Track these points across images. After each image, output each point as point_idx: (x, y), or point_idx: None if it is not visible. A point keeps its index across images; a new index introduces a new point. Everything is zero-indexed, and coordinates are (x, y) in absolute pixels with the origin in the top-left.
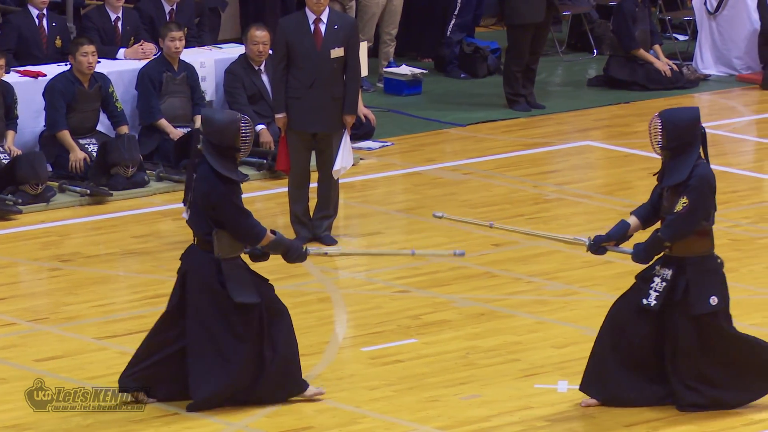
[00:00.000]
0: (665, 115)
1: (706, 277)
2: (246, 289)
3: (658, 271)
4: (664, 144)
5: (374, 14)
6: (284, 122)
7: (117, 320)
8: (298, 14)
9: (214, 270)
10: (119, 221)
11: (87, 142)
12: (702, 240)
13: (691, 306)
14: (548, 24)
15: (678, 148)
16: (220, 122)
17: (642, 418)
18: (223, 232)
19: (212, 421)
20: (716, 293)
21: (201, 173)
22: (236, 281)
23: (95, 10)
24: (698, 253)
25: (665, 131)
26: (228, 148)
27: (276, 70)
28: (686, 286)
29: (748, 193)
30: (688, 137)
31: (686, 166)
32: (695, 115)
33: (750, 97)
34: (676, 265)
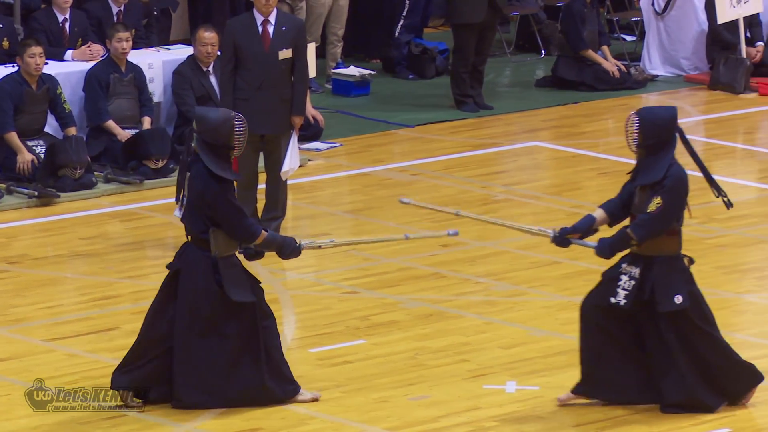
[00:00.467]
0: (642, 113)
1: (673, 276)
2: (242, 287)
3: (624, 269)
4: (640, 142)
5: (321, 14)
6: None
7: (65, 322)
8: (246, 15)
9: (211, 269)
10: (67, 223)
11: (35, 143)
12: (671, 240)
13: (657, 304)
14: (494, 25)
15: (654, 146)
16: (215, 120)
17: (591, 419)
18: (219, 231)
19: (161, 423)
20: (681, 292)
21: (195, 172)
22: (233, 280)
23: (43, 11)
24: (666, 252)
25: (642, 129)
26: (222, 147)
27: (224, 72)
28: (653, 284)
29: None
30: (664, 136)
31: (662, 165)
32: (672, 114)
33: (698, 97)
34: (643, 263)
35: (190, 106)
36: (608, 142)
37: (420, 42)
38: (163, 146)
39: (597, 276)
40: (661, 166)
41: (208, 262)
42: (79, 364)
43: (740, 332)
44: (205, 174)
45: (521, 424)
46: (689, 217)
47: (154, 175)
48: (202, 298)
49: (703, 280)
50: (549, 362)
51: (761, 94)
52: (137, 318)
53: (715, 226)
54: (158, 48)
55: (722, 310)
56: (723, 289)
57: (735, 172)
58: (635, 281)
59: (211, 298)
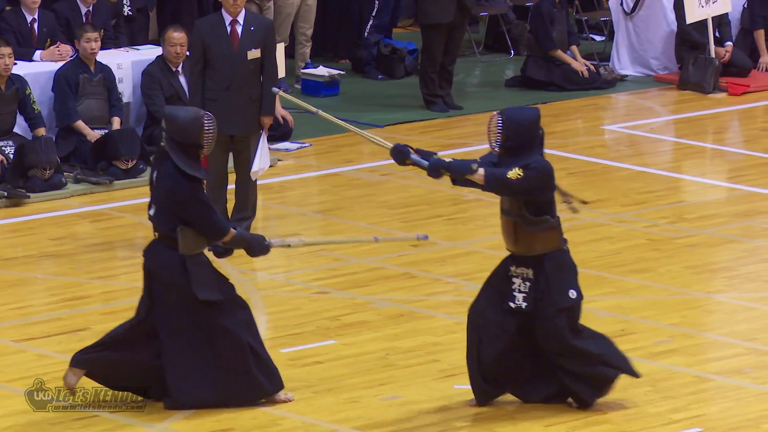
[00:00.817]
0: (507, 113)
1: (564, 271)
2: (210, 285)
3: (514, 272)
4: (502, 142)
5: (289, 14)
6: None
7: (35, 323)
8: (215, 16)
9: (180, 267)
10: (36, 223)
11: (4, 144)
12: (553, 235)
13: (554, 301)
14: (463, 25)
15: (515, 147)
16: (184, 119)
17: (562, 419)
18: (187, 229)
19: (132, 423)
20: (574, 287)
21: (164, 170)
22: (200, 278)
23: (11, 11)
24: (552, 248)
25: (505, 129)
26: (191, 146)
27: (192, 72)
28: (547, 281)
29: (666, 193)
30: (527, 137)
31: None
32: (536, 116)
33: (667, 97)
34: (533, 263)
35: (159, 106)
36: (577, 142)
37: (389, 42)
38: (132, 147)
39: None
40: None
41: (177, 259)
42: (49, 364)
43: (711, 332)
44: (174, 173)
45: (492, 424)
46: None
47: (124, 176)
48: (173, 296)
49: (673, 279)
50: None
51: (730, 93)
52: (108, 318)
53: (685, 226)
54: (127, 48)
55: (692, 310)
56: (693, 288)
57: (704, 171)
58: (530, 282)
59: (182, 295)
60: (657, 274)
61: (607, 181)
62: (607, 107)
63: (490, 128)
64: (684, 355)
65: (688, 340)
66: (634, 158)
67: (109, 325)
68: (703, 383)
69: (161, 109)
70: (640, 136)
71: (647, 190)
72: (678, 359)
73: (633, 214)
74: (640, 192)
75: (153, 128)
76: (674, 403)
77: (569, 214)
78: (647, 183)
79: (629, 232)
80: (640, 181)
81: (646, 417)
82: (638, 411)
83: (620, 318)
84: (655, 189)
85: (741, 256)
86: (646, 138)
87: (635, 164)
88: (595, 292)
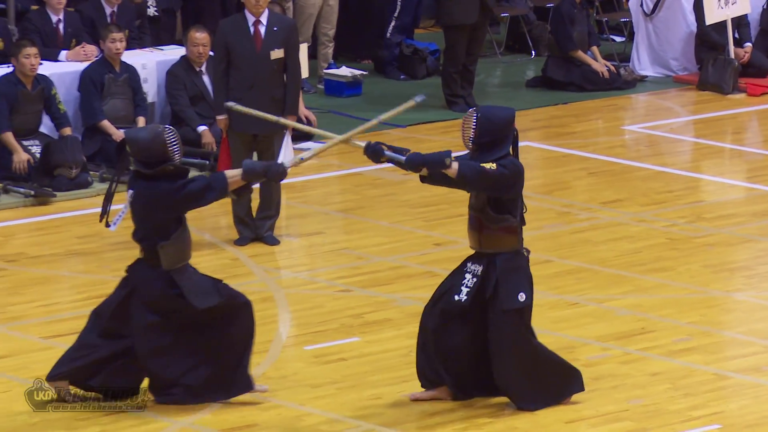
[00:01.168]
0: (482, 111)
1: (515, 274)
2: (205, 293)
3: (469, 267)
4: (475, 138)
5: (311, 15)
6: (225, 123)
7: (61, 320)
8: (238, 16)
9: (167, 284)
10: (63, 222)
11: (30, 143)
12: (510, 236)
13: (501, 301)
14: (485, 25)
15: (488, 144)
16: (145, 140)
17: (582, 415)
18: (168, 245)
19: (157, 419)
20: (524, 290)
21: (138, 191)
22: (193, 288)
23: (36, 12)
24: (507, 249)
25: (479, 126)
26: (159, 163)
27: (216, 72)
28: (496, 281)
29: (685, 192)
30: (499, 135)
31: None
32: (511, 115)
33: (686, 97)
34: (486, 261)
35: (183, 105)
36: (597, 142)
37: (411, 43)
38: None
39: (588, 274)
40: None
41: (163, 278)
42: None
43: (729, 330)
44: (149, 191)
45: (514, 419)
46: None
47: None
48: (155, 315)
49: (692, 278)
50: None
51: (749, 94)
52: None
53: (704, 225)
54: (152, 48)
55: (711, 309)
56: (712, 287)
57: (723, 171)
58: (477, 279)
59: (167, 310)
60: (676, 273)
61: (626, 181)
62: (627, 107)
63: (464, 124)
64: (703, 353)
65: (706, 338)
66: (654, 158)
67: None
68: (722, 381)
69: (186, 109)
70: (659, 136)
71: (666, 190)
72: (697, 357)
73: (652, 213)
74: (660, 192)
75: (178, 127)
76: (693, 401)
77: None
78: (666, 183)
79: (648, 232)
80: (660, 181)
81: (666, 414)
82: (658, 408)
83: (639, 316)
84: (675, 189)
85: (759, 255)
86: (665, 138)
87: (655, 164)
88: (615, 291)
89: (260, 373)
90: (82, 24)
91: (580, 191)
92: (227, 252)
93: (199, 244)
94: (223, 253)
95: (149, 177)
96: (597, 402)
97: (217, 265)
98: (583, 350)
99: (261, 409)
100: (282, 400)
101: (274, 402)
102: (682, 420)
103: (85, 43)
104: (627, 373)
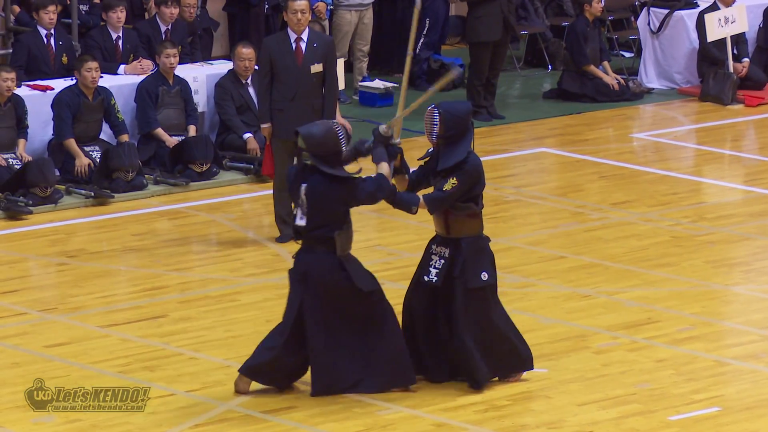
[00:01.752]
0: (443, 107)
1: (479, 255)
2: (367, 278)
3: (434, 250)
4: (440, 133)
5: (347, 33)
6: (269, 131)
7: (118, 310)
8: (281, 34)
9: (338, 268)
10: (120, 221)
11: (91, 149)
12: (474, 221)
13: (467, 280)
14: (506, 42)
15: (453, 137)
16: (318, 135)
17: (593, 398)
18: (343, 233)
19: (205, 401)
20: (487, 270)
21: (314, 183)
22: (359, 273)
23: (98, 30)
24: (471, 233)
25: (442, 121)
26: (333, 154)
27: (261, 85)
28: (463, 262)
29: (688, 195)
30: (461, 128)
31: (460, 152)
32: (469, 109)
33: (689, 108)
34: (452, 244)
35: (230, 115)
36: (608, 149)
37: (438, 58)
38: (206, 152)
39: (599, 269)
40: (460, 153)
41: (335, 262)
42: (131, 347)
43: (728, 321)
44: (327, 182)
45: (530, 402)
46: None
47: (199, 178)
48: (329, 293)
49: (694, 273)
50: (555, 347)
51: (747, 105)
52: (183, 306)
53: (705, 225)
54: (202, 63)
55: (712, 301)
56: (712, 281)
57: (723, 175)
58: (444, 260)
59: (339, 291)
60: (680, 268)
61: (634, 184)
62: (635, 117)
63: (428, 121)
64: (704, 342)
65: (708, 327)
66: (659, 163)
67: (185, 312)
68: (722, 367)
69: (233, 118)
70: (664, 143)
71: (671, 192)
72: (699, 345)
73: (658, 213)
74: (665, 194)
75: (225, 135)
76: (695, 385)
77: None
78: (671, 186)
79: (655, 230)
80: (665, 184)
81: (671, 397)
82: (663, 391)
83: (646, 308)
84: (679, 191)
85: (756, 252)
86: (670, 145)
87: (660, 169)
88: (624, 284)
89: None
90: (139, 41)
91: (592, 193)
92: (269, 248)
93: (244, 240)
94: (266, 249)
95: (326, 171)
96: (607, 386)
97: (261, 260)
98: (594, 338)
99: (298, 392)
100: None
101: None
102: (685, 403)
103: (141, 57)
104: (634, 359)
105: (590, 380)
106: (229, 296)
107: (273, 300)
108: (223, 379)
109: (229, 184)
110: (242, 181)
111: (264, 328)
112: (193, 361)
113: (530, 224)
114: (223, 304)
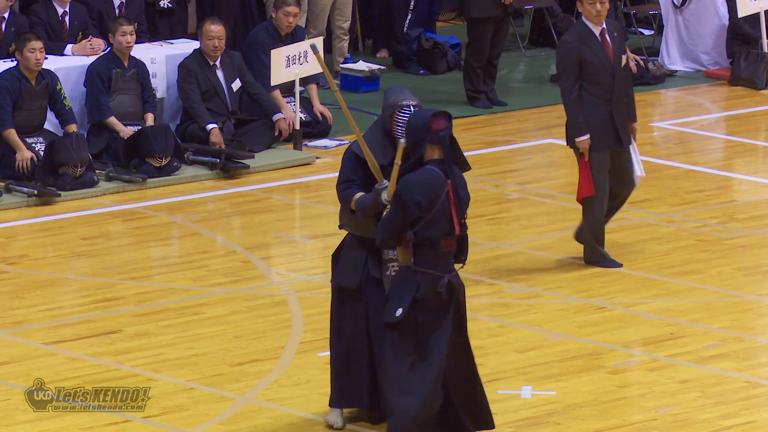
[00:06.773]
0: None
1: (402, 288)
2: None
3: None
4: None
5: (325, 7)
6: (587, 144)
7: (65, 324)
8: (579, 27)
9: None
10: (67, 222)
11: (34, 140)
12: (402, 250)
13: (385, 313)
14: (508, 18)
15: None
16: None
17: (608, 425)
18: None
19: (164, 429)
20: (403, 305)
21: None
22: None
23: (41, 4)
24: (401, 263)
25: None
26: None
27: (571, 92)
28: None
29: (716, 192)
30: (417, 138)
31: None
32: (427, 118)
33: (717, 93)
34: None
35: (194, 101)
36: None
37: (431, 36)
38: (166, 143)
39: (615, 277)
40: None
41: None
42: (80, 368)
43: (762, 336)
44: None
45: (537, 429)
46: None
47: (157, 174)
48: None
49: (723, 281)
50: (565, 366)
51: None
52: (140, 320)
53: (736, 226)
54: (161, 42)
55: (743, 313)
56: (744, 291)
57: (756, 170)
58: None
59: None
60: (707, 276)
61: (655, 180)
62: (655, 104)
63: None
64: (734, 360)
65: (738, 344)
66: (684, 156)
67: (142, 327)
68: (755, 389)
69: (197, 105)
70: (689, 133)
71: (697, 189)
72: (728, 364)
73: (682, 213)
74: (690, 191)
75: (188, 124)
76: (725, 409)
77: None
78: (697, 182)
79: (678, 233)
80: (690, 180)
81: (697, 423)
82: (688, 417)
83: (669, 321)
84: (705, 188)
85: None
86: (695, 135)
87: (685, 162)
88: (643, 295)
89: (272, 380)
90: (89, 16)
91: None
92: (238, 254)
93: (209, 245)
94: (234, 255)
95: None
96: (624, 411)
97: (228, 268)
98: (609, 356)
99: (273, 417)
100: (294, 409)
101: (285, 410)
102: (713, 430)
103: (92, 36)
104: (655, 380)
105: (605, 404)
106: (192, 309)
107: (241, 313)
108: (185, 403)
109: (191, 181)
110: (206, 177)
111: (231, 345)
112: (152, 383)
113: (536, 226)
114: (186, 317)
